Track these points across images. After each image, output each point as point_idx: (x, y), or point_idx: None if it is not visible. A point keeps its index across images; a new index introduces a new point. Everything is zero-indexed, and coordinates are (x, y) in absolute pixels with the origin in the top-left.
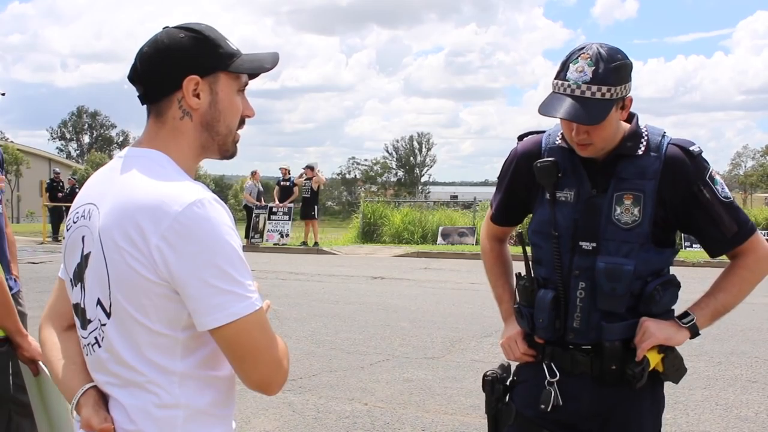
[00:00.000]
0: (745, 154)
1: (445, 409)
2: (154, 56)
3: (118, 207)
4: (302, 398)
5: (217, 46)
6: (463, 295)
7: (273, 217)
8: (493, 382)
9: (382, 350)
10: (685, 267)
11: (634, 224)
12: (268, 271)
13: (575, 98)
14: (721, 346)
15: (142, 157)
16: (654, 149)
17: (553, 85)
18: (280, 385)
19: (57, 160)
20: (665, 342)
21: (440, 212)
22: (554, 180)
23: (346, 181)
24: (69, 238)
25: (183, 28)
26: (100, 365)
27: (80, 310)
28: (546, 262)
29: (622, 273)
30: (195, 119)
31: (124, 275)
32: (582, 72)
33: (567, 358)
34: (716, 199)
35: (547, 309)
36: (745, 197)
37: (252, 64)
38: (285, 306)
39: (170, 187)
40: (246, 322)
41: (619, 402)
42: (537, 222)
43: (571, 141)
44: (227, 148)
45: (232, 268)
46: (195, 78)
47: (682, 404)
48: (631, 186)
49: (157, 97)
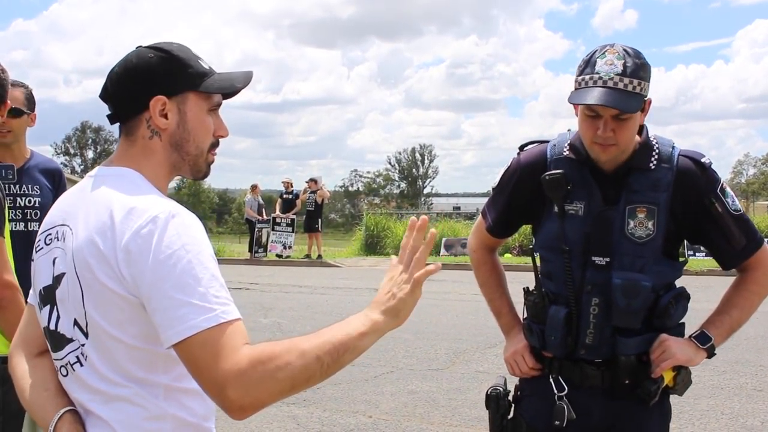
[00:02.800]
0: (746, 163)
1: (450, 421)
2: (123, 76)
3: (88, 223)
4: (306, 411)
5: (186, 66)
6: (466, 306)
7: (276, 228)
8: (498, 398)
9: (386, 362)
10: (689, 276)
11: (648, 238)
12: (271, 284)
13: (609, 89)
14: (727, 354)
15: (112, 175)
16: (666, 161)
17: (579, 82)
18: (251, 407)
19: None
20: (686, 363)
21: (443, 223)
22: (563, 193)
23: (349, 194)
24: (38, 260)
25: (153, 48)
26: (82, 384)
27: (50, 332)
28: (556, 277)
29: (640, 289)
30: (164, 139)
31: (97, 292)
32: (612, 65)
33: (576, 372)
34: (727, 212)
35: (560, 327)
36: (747, 205)
37: (223, 83)
38: (289, 319)
39: (138, 200)
40: (204, 338)
41: (628, 414)
42: (545, 236)
43: (591, 143)
44: (199, 168)
45: (193, 279)
46: (162, 98)
47: (688, 414)
48: (644, 198)
49: (127, 116)
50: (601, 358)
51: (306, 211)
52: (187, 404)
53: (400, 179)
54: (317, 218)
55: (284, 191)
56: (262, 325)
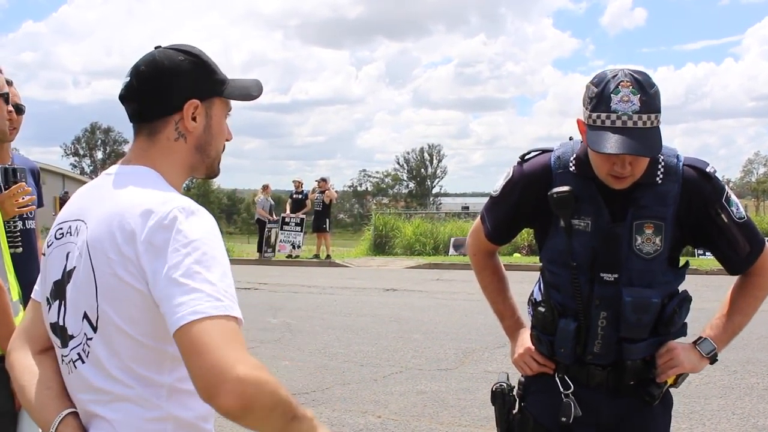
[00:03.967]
0: (756, 161)
1: (459, 421)
2: (154, 77)
3: (107, 217)
4: (315, 411)
5: (213, 71)
6: (475, 306)
7: (285, 228)
8: (504, 393)
9: (395, 362)
10: (699, 275)
11: (656, 254)
12: (280, 284)
13: (628, 130)
14: (737, 354)
15: (131, 173)
16: (671, 173)
17: (594, 120)
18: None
19: (71, 176)
20: (690, 371)
21: (452, 223)
22: (571, 210)
23: (358, 194)
24: (50, 254)
25: (179, 50)
26: (83, 383)
27: (59, 327)
28: (564, 290)
29: (650, 306)
30: (189, 141)
31: (113, 286)
32: (629, 101)
33: (583, 372)
34: (732, 221)
35: (570, 340)
36: (757, 204)
37: (241, 90)
38: (297, 319)
39: (157, 195)
40: (212, 323)
41: (632, 410)
42: (552, 250)
43: (606, 175)
44: (213, 170)
45: (205, 270)
46: (195, 102)
47: (698, 414)
48: (651, 214)
49: (154, 116)
50: (606, 363)
51: (314, 211)
52: (189, 405)
53: (409, 179)
54: (326, 218)
55: (294, 191)
56: (272, 325)
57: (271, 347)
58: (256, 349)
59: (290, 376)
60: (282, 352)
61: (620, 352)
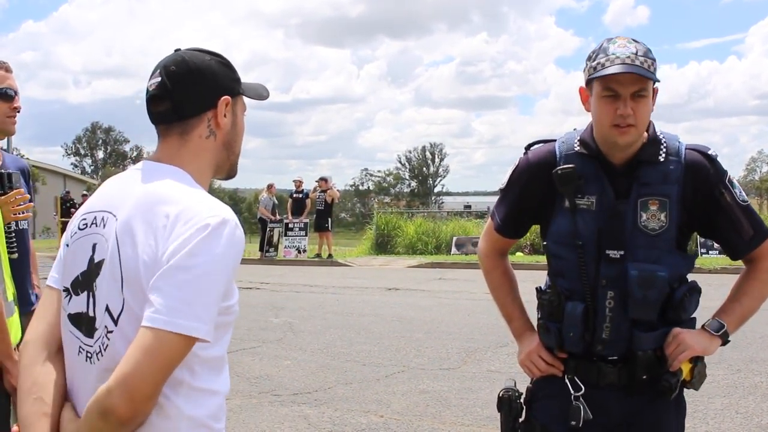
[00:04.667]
0: (760, 159)
1: (462, 421)
2: (188, 76)
3: (138, 212)
4: (318, 411)
5: (234, 71)
6: (478, 305)
7: (289, 233)
8: (511, 401)
9: (397, 362)
10: (702, 274)
11: (661, 230)
12: (282, 284)
13: (628, 65)
14: (741, 353)
15: (165, 171)
16: (674, 154)
17: (594, 66)
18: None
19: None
20: (702, 353)
21: (454, 222)
22: (575, 187)
23: (359, 193)
24: (74, 244)
25: (204, 51)
26: (101, 376)
27: (86, 318)
28: (569, 273)
29: (656, 279)
30: (218, 139)
31: (138, 280)
32: (626, 47)
33: (593, 371)
34: (735, 202)
35: (578, 322)
36: (761, 202)
37: (255, 91)
38: (300, 318)
39: (194, 202)
40: (179, 340)
41: (645, 410)
42: (556, 232)
43: (610, 127)
44: (234, 169)
45: (215, 291)
46: (228, 98)
47: (702, 413)
48: (656, 191)
49: (187, 115)
50: (617, 355)
51: (316, 210)
52: (204, 404)
53: (411, 178)
54: (327, 217)
55: (294, 190)
56: (274, 324)
57: (273, 347)
58: (258, 349)
59: (292, 375)
60: (284, 352)
61: (631, 341)
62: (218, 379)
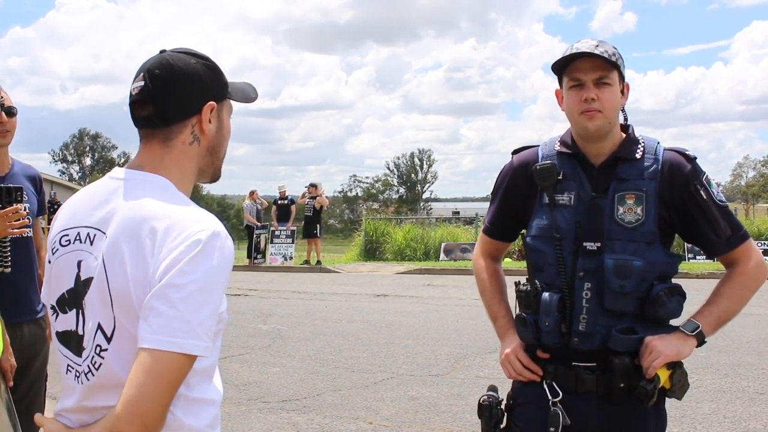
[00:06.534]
0: (746, 165)
1: (451, 427)
2: (172, 80)
3: (131, 223)
4: (306, 418)
5: (221, 73)
6: (466, 311)
7: (276, 241)
8: (491, 407)
9: (386, 368)
10: (689, 279)
11: (638, 223)
12: (271, 291)
13: (590, 54)
14: (728, 358)
15: (148, 183)
16: (651, 153)
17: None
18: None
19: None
20: (676, 357)
21: (442, 228)
22: (554, 182)
23: (348, 199)
24: (57, 261)
25: (189, 53)
26: (94, 394)
27: (74, 336)
28: (548, 267)
29: (632, 269)
30: (202, 144)
31: (128, 297)
32: (588, 42)
33: (571, 377)
34: (712, 200)
35: (553, 311)
36: (747, 208)
37: (243, 93)
38: (288, 325)
39: (190, 209)
40: (180, 358)
41: (624, 421)
42: (536, 227)
43: (578, 115)
44: (218, 172)
45: (210, 306)
46: (213, 104)
47: (690, 418)
48: (632, 186)
49: (171, 121)
50: (593, 347)
51: (305, 216)
52: (201, 413)
53: (399, 184)
54: (316, 224)
55: (278, 197)
56: (262, 331)
57: (261, 354)
58: (246, 356)
59: (281, 382)
60: (273, 359)
61: (608, 338)
62: (211, 386)
